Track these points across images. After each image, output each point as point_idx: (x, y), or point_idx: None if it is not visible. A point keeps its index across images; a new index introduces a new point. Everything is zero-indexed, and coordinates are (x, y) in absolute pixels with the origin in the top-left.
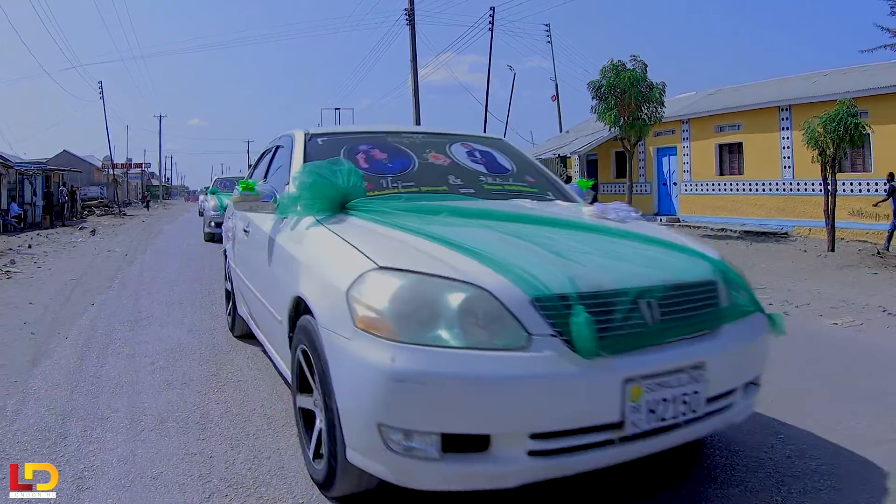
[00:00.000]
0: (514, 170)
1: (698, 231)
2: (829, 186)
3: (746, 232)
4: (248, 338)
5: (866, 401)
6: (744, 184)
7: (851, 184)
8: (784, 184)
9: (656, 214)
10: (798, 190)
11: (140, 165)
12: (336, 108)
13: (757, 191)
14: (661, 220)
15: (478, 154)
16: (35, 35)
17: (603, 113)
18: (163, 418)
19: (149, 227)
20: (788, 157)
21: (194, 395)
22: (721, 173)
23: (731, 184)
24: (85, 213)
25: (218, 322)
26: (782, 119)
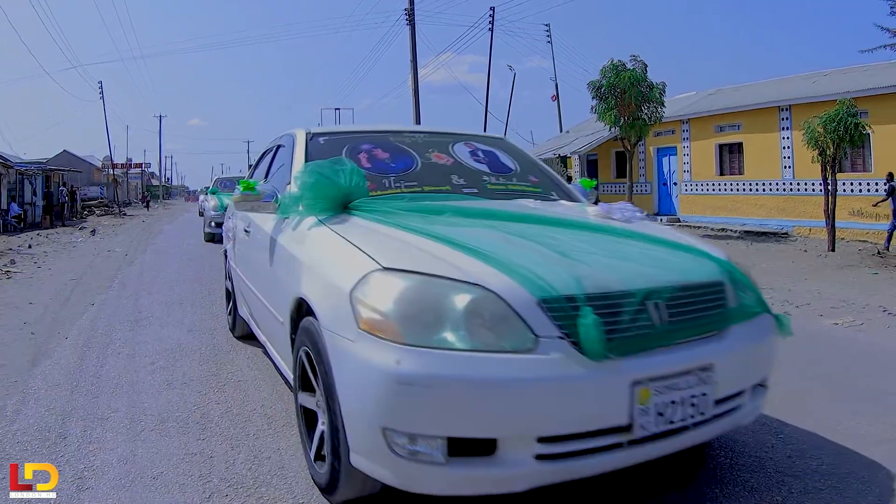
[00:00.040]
0: (517, 169)
1: (698, 231)
2: (830, 186)
3: (747, 232)
4: (249, 339)
5: (867, 401)
6: (744, 184)
7: (851, 184)
8: (784, 184)
9: (656, 214)
10: (798, 190)
11: (140, 165)
12: (336, 108)
13: (757, 191)
14: (661, 220)
15: (481, 153)
16: (35, 35)
17: (603, 113)
18: (163, 418)
19: (149, 227)
20: (789, 157)
21: (194, 395)
22: (721, 173)
23: (731, 184)
24: (85, 213)
25: (218, 322)
26: (782, 119)
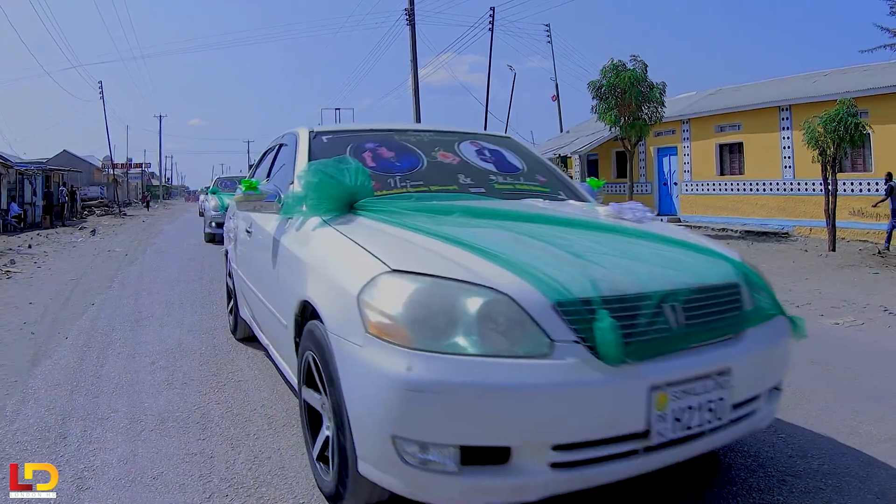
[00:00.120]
0: (524, 169)
1: (699, 231)
2: (830, 186)
3: (747, 232)
4: (251, 340)
5: (867, 400)
6: (744, 184)
7: (852, 184)
8: (785, 184)
9: (657, 214)
10: (799, 190)
11: (140, 165)
12: (336, 108)
13: (758, 191)
14: (661, 220)
15: (487, 152)
16: (35, 35)
17: (603, 113)
18: (163, 418)
19: (149, 228)
20: (789, 157)
21: (195, 395)
22: (722, 173)
23: (731, 184)
24: (85, 213)
25: (218, 322)
26: (782, 119)
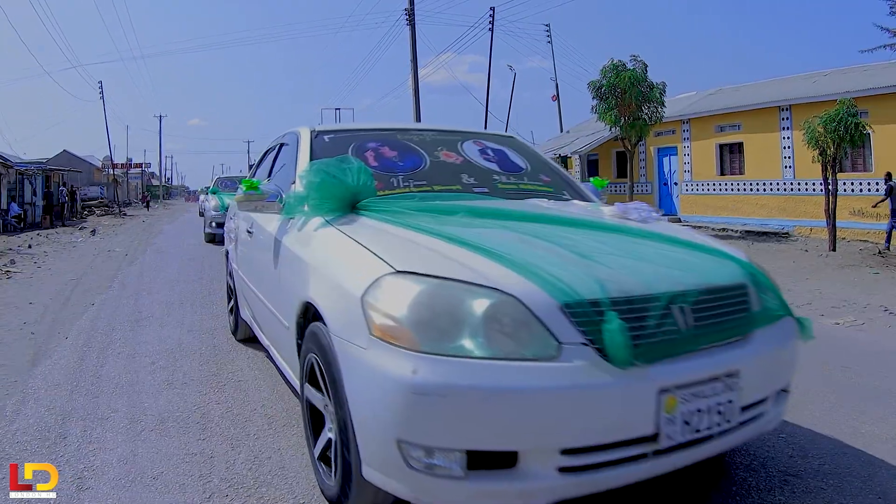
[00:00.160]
0: (528, 168)
1: (700, 231)
2: (830, 186)
3: (748, 232)
4: (252, 341)
5: (868, 400)
6: (745, 184)
7: (852, 183)
8: (785, 184)
9: None
10: (799, 190)
11: (140, 165)
12: (336, 108)
13: (758, 191)
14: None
15: (490, 152)
16: (35, 35)
17: (603, 113)
18: (163, 418)
19: (149, 228)
20: (789, 157)
21: (195, 395)
22: (722, 173)
23: (731, 184)
24: (85, 213)
25: (218, 322)
26: (783, 119)
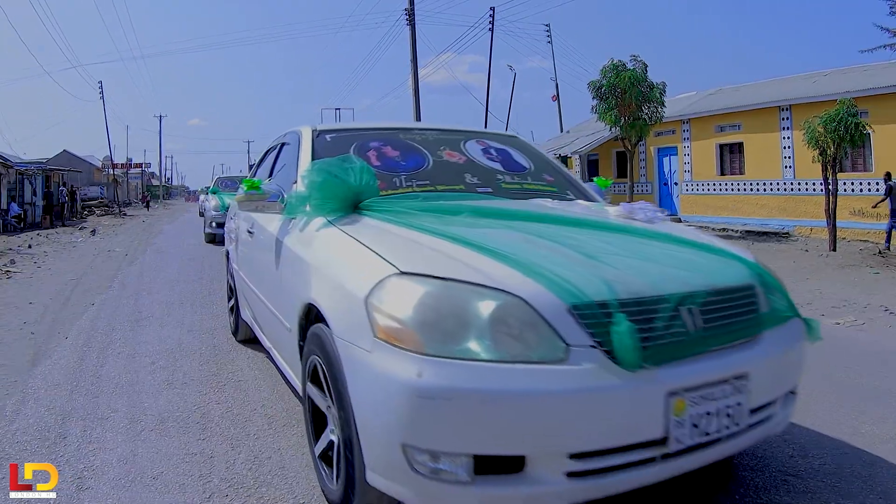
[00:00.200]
0: (531, 168)
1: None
2: (830, 186)
3: (748, 232)
4: (252, 342)
5: (869, 400)
6: (745, 184)
7: (852, 183)
8: (785, 184)
9: None
10: (799, 190)
11: (140, 165)
12: (336, 108)
13: (758, 191)
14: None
15: (493, 151)
16: (35, 35)
17: (603, 113)
18: (163, 418)
19: (149, 228)
20: (789, 157)
21: (195, 394)
22: (722, 173)
23: (732, 184)
24: (85, 213)
25: (218, 322)
26: (783, 119)
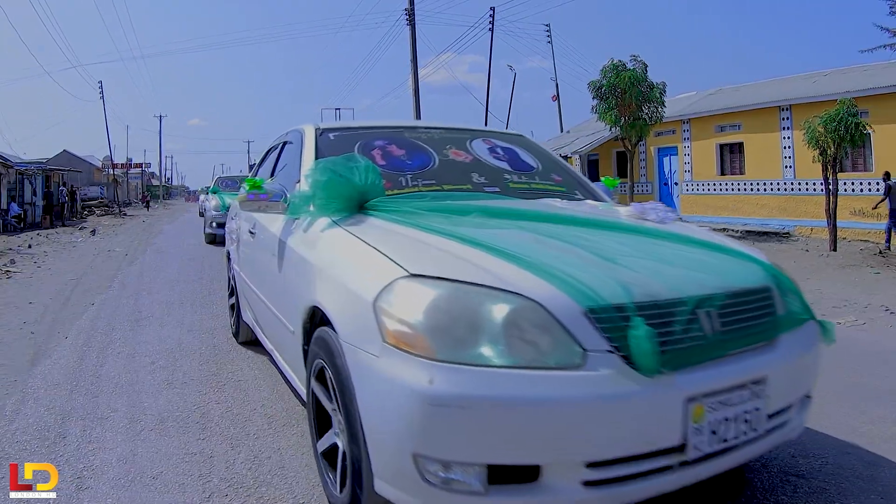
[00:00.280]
0: (539, 167)
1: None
2: (831, 186)
3: (748, 232)
4: (252, 343)
5: (870, 400)
6: (745, 184)
7: (852, 183)
8: (785, 183)
9: None
10: (799, 190)
11: (140, 165)
12: (336, 108)
13: (758, 191)
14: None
15: (500, 150)
16: (35, 35)
17: (603, 113)
18: (163, 418)
19: (149, 228)
20: (789, 157)
21: (194, 394)
22: (722, 173)
23: (732, 184)
24: (85, 213)
25: (218, 322)
26: (783, 119)
